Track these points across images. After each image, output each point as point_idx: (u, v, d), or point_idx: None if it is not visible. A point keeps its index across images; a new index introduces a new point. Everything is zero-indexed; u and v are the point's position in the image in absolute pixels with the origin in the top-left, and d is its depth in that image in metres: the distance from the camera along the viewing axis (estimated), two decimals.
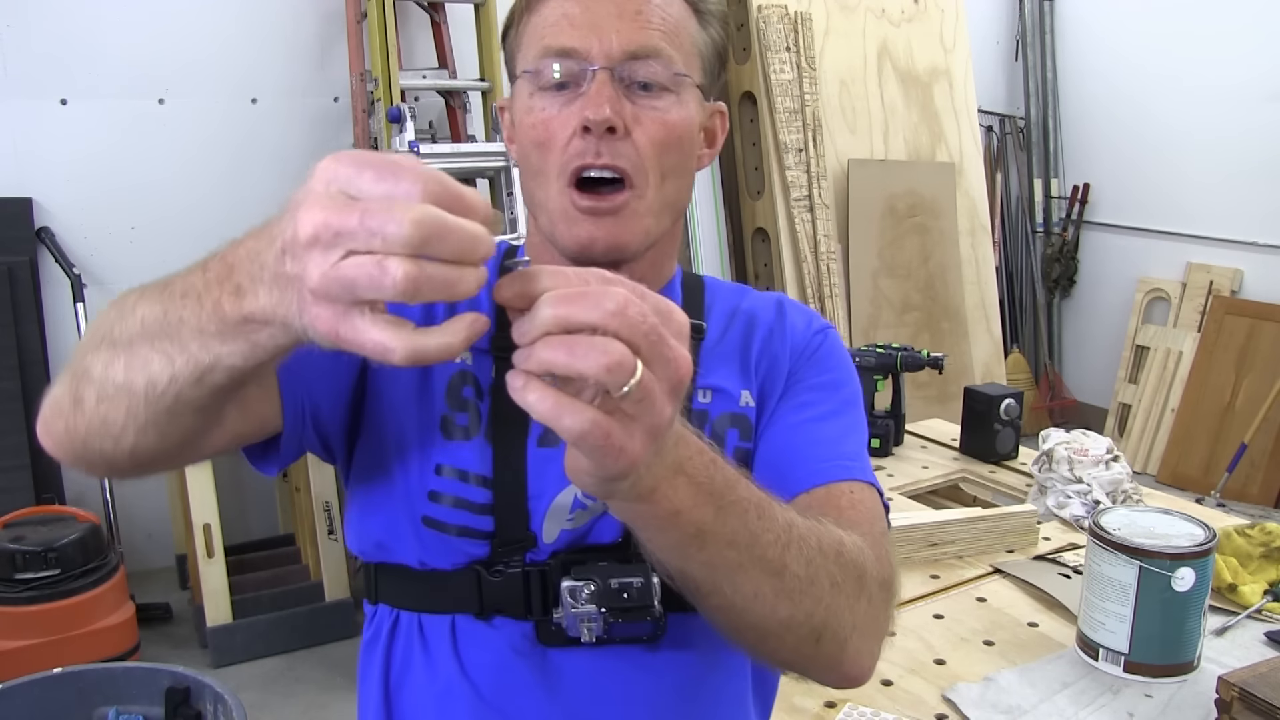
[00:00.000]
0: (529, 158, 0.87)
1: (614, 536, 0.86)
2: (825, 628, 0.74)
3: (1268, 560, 1.43)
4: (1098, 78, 4.58)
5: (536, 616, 0.85)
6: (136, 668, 1.92)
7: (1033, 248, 4.80)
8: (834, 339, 0.98)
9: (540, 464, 0.85)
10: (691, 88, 0.87)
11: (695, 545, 0.66)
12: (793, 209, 3.59)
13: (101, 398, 0.66)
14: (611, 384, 0.52)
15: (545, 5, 0.86)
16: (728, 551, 0.67)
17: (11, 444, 2.84)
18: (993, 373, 4.10)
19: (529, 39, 0.87)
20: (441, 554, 0.86)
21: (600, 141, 0.82)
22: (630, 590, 0.81)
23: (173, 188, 3.12)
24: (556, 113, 0.84)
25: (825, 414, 0.91)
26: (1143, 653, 1.20)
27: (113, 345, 0.65)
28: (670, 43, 0.85)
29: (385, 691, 0.90)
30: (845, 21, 3.80)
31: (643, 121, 0.84)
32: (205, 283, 0.59)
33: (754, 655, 0.83)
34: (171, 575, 3.18)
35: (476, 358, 0.89)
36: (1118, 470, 1.73)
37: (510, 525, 0.85)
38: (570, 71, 0.83)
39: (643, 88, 0.84)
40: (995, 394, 2.00)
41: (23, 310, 2.90)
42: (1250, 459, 3.77)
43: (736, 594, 0.69)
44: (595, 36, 0.82)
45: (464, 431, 0.86)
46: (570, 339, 0.53)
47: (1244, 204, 4.06)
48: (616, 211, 0.84)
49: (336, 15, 3.25)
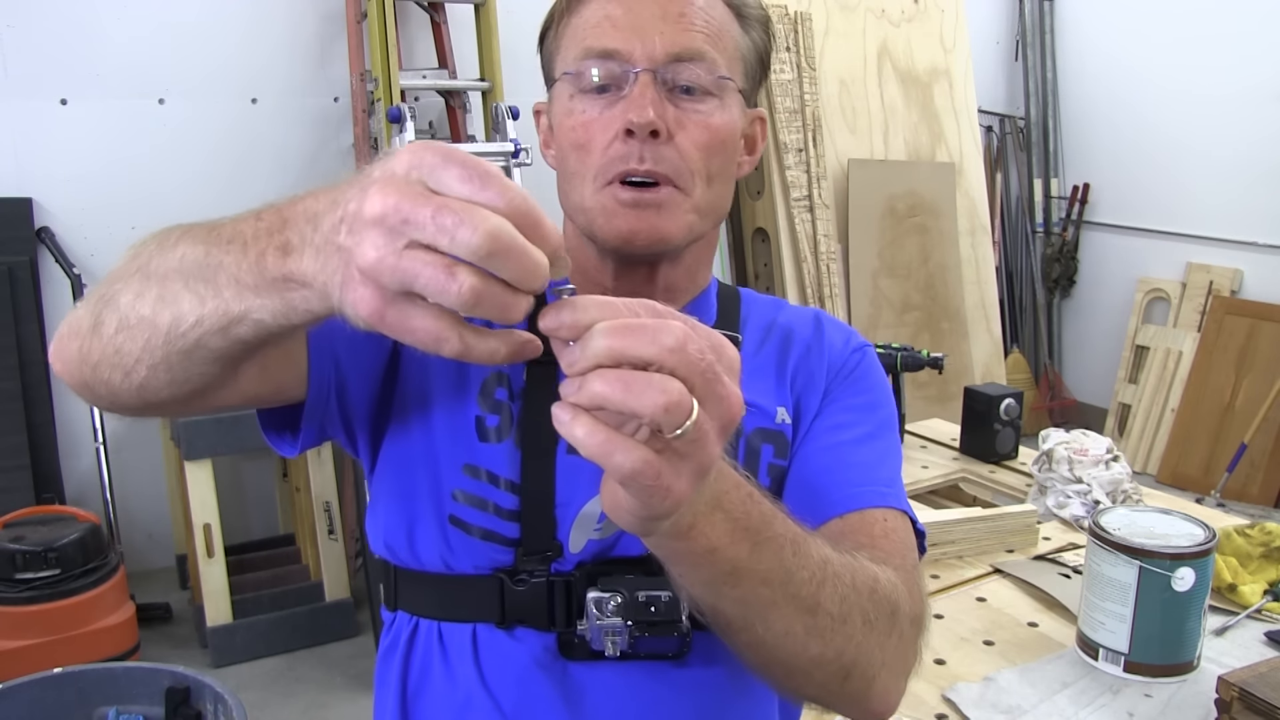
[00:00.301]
0: (567, 160, 0.86)
1: (642, 549, 0.83)
2: (855, 666, 0.72)
3: (1268, 560, 1.43)
4: (1097, 78, 4.58)
5: (560, 628, 0.83)
6: (136, 668, 1.92)
7: (1033, 248, 4.80)
8: (872, 358, 0.96)
9: (569, 472, 0.84)
10: (734, 92, 0.86)
11: (729, 582, 0.64)
12: (793, 209, 3.59)
13: (122, 326, 0.65)
14: (667, 424, 0.50)
15: (586, 7, 0.85)
16: (761, 589, 0.65)
17: (11, 444, 2.84)
18: (993, 373, 4.10)
19: (569, 41, 0.86)
20: (466, 556, 0.84)
21: (643, 145, 0.81)
22: (658, 604, 0.79)
23: (173, 188, 3.12)
24: (597, 115, 0.83)
25: (862, 436, 0.89)
26: (1143, 653, 1.20)
27: (145, 276, 0.64)
28: (713, 45, 0.83)
29: (403, 701, 0.88)
30: (845, 21, 3.80)
31: (686, 125, 0.82)
32: (255, 231, 0.57)
33: (779, 690, 0.81)
34: (171, 575, 3.18)
35: None
36: (1118, 470, 1.73)
37: (536, 533, 0.83)
38: (612, 74, 0.82)
39: (685, 91, 0.82)
40: (995, 394, 2.00)
41: (23, 310, 2.90)
42: (1250, 459, 3.78)
43: (768, 631, 0.68)
44: (638, 38, 0.81)
45: (495, 433, 0.85)
46: (627, 374, 0.50)
47: (1244, 204, 4.06)
48: (660, 204, 0.82)
49: (336, 15, 3.25)
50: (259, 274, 0.56)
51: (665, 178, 0.82)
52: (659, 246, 0.84)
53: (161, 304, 0.62)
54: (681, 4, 0.83)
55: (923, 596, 0.80)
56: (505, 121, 3.19)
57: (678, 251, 0.87)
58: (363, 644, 2.85)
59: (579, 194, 0.85)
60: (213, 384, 0.68)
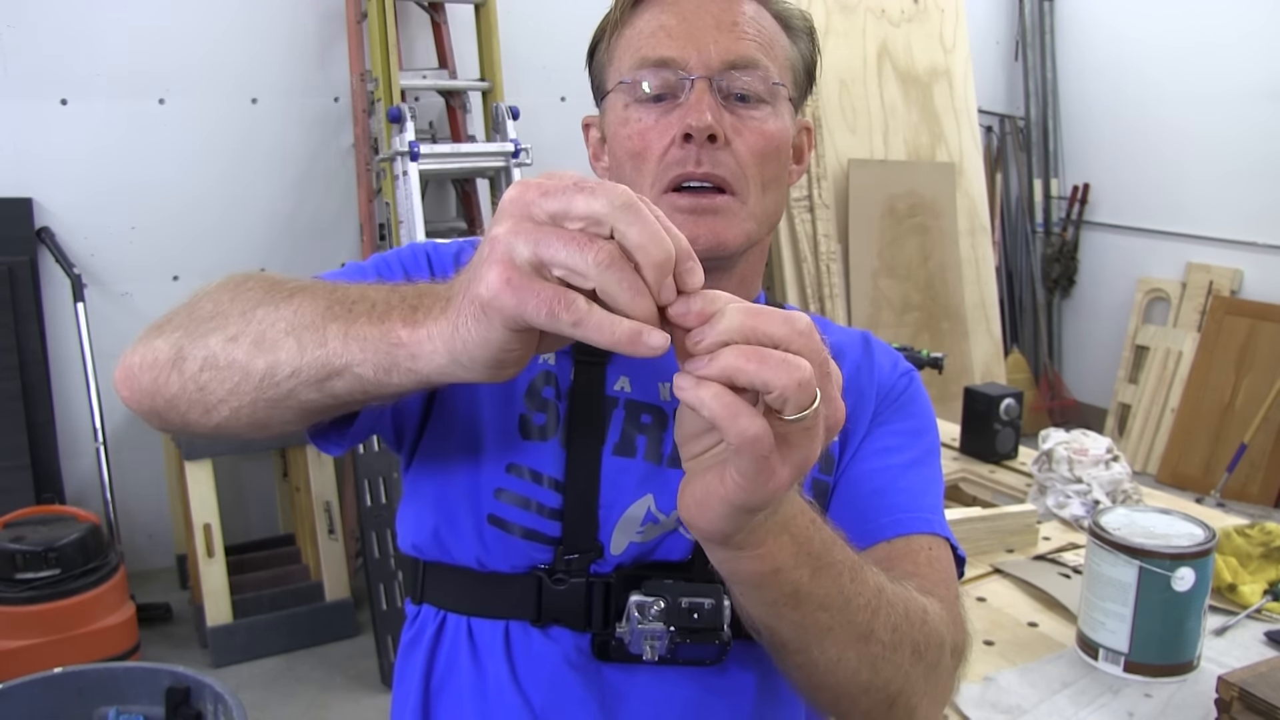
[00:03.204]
0: (623, 168, 0.86)
1: (682, 555, 0.83)
2: (900, 695, 0.73)
3: (1267, 560, 1.43)
4: (1098, 78, 4.58)
5: (596, 629, 0.82)
6: (136, 668, 1.92)
7: (1033, 248, 4.80)
8: (918, 383, 0.97)
9: (614, 473, 0.84)
10: (786, 100, 0.86)
11: (790, 604, 0.65)
12: (793, 209, 3.59)
13: (209, 365, 0.65)
14: (794, 403, 0.51)
15: (639, 18, 0.86)
16: (820, 614, 0.67)
17: (12, 444, 2.84)
18: (993, 373, 4.10)
19: (622, 51, 0.86)
20: (502, 555, 0.83)
21: (701, 150, 0.81)
22: (701, 611, 0.79)
23: (173, 188, 3.12)
24: (654, 123, 0.83)
25: (909, 462, 0.89)
26: (1143, 653, 1.20)
27: (245, 319, 0.64)
28: (766, 54, 0.84)
29: (425, 694, 0.87)
30: (845, 21, 3.80)
31: (742, 132, 0.83)
32: (389, 301, 0.59)
33: (823, 711, 0.81)
34: (171, 575, 3.18)
35: (558, 359, 0.87)
36: (1118, 470, 1.73)
37: (578, 533, 0.83)
38: (668, 82, 0.83)
39: (740, 99, 0.83)
40: (995, 394, 2.00)
41: (23, 310, 2.90)
42: (1250, 459, 3.77)
43: (822, 655, 0.69)
44: (694, 47, 0.82)
45: (541, 432, 0.85)
46: (761, 350, 0.51)
47: (1244, 204, 4.06)
48: (717, 210, 0.83)
49: (336, 15, 3.25)
50: (380, 332, 0.57)
51: (723, 181, 0.82)
52: (718, 252, 0.84)
53: (258, 350, 0.62)
54: (734, 14, 0.84)
55: (966, 628, 0.81)
56: (505, 121, 3.19)
57: (733, 261, 0.87)
58: (363, 644, 2.85)
59: None
60: (287, 426, 0.69)
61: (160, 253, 3.13)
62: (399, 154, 3.00)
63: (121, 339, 3.13)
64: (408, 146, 2.97)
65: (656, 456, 0.85)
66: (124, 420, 3.12)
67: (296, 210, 3.31)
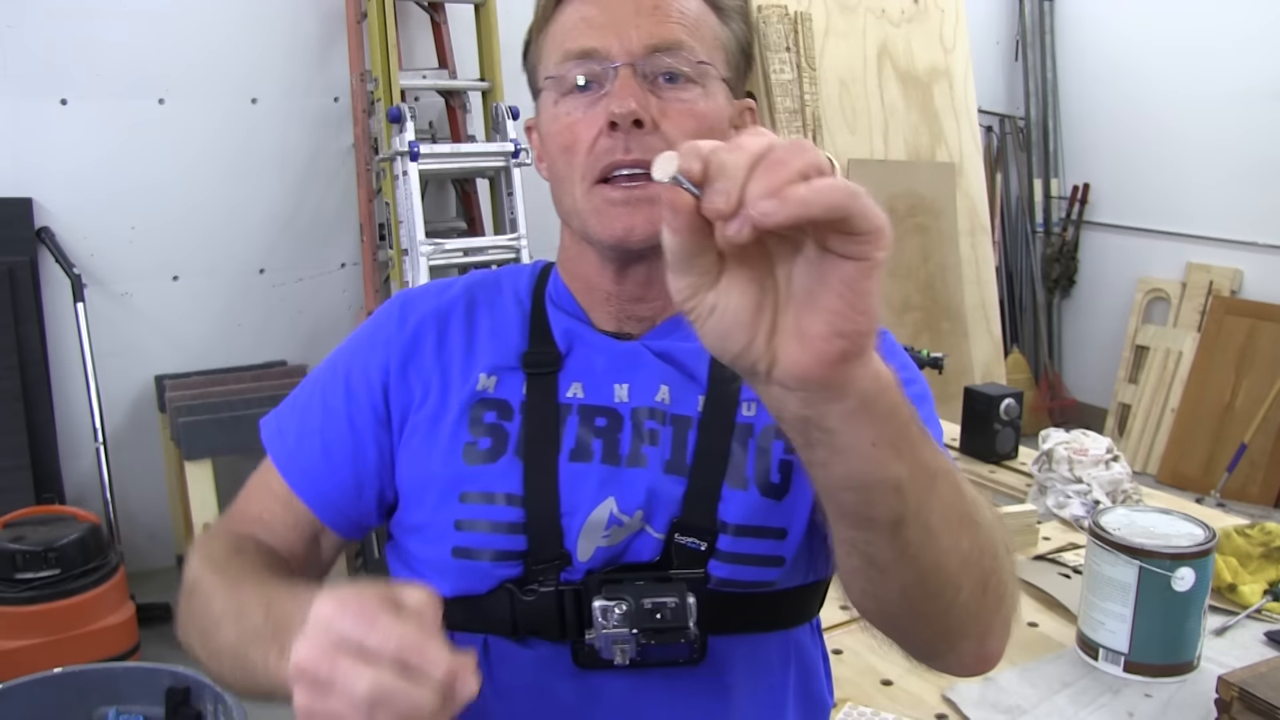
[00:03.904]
0: (556, 165, 0.86)
1: (652, 555, 0.83)
2: (992, 575, 0.67)
3: (1268, 560, 1.43)
4: (1098, 78, 4.57)
5: (572, 638, 0.82)
6: (136, 668, 1.92)
7: (1033, 248, 4.80)
8: (891, 341, 0.94)
9: (572, 480, 0.83)
10: (717, 80, 0.85)
11: (906, 442, 0.57)
12: None
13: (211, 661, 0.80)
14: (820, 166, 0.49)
15: (562, 13, 0.85)
16: (921, 475, 0.59)
17: (11, 444, 2.84)
18: (993, 373, 4.10)
19: (549, 48, 0.86)
20: (476, 581, 0.84)
21: (629, 137, 0.80)
22: (664, 611, 0.78)
23: (173, 188, 3.12)
24: (582, 115, 0.83)
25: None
26: (1143, 653, 1.20)
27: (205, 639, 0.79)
28: (691, 35, 0.83)
29: None
30: (845, 21, 3.80)
31: (670, 114, 0.82)
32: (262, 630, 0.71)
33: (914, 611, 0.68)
34: (171, 575, 3.17)
35: (502, 379, 0.87)
36: (1118, 470, 1.73)
37: (543, 542, 0.82)
38: (593, 72, 0.82)
39: (669, 80, 0.82)
40: (995, 394, 2.00)
41: (23, 310, 2.90)
42: (1250, 459, 3.77)
43: (931, 513, 0.60)
44: (615, 35, 0.81)
45: (488, 455, 0.85)
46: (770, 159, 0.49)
47: (1244, 204, 4.06)
48: (652, 198, 0.81)
49: (336, 15, 3.25)
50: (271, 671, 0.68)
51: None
52: (656, 240, 0.82)
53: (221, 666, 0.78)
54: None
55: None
56: (505, 121, 3.19)
57: None
58: None
59: (570, 197, 0.85)
60: None
61: (160, 253, 3.13)
62: (399, 154, 3.00)
63: (121, 339, 3.13)
64: (408, 146, 2.97)
65: (614, 458, 0.84)
66: (124, 420, 3.12)
67: (296, 210, 3.31)
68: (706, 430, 0.85)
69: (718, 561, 0.82)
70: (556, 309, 0.92)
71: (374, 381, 0.89)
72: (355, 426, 0.89)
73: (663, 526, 0.83)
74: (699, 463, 0.84)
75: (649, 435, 0.85)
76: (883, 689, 1.21)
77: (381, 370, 0.89)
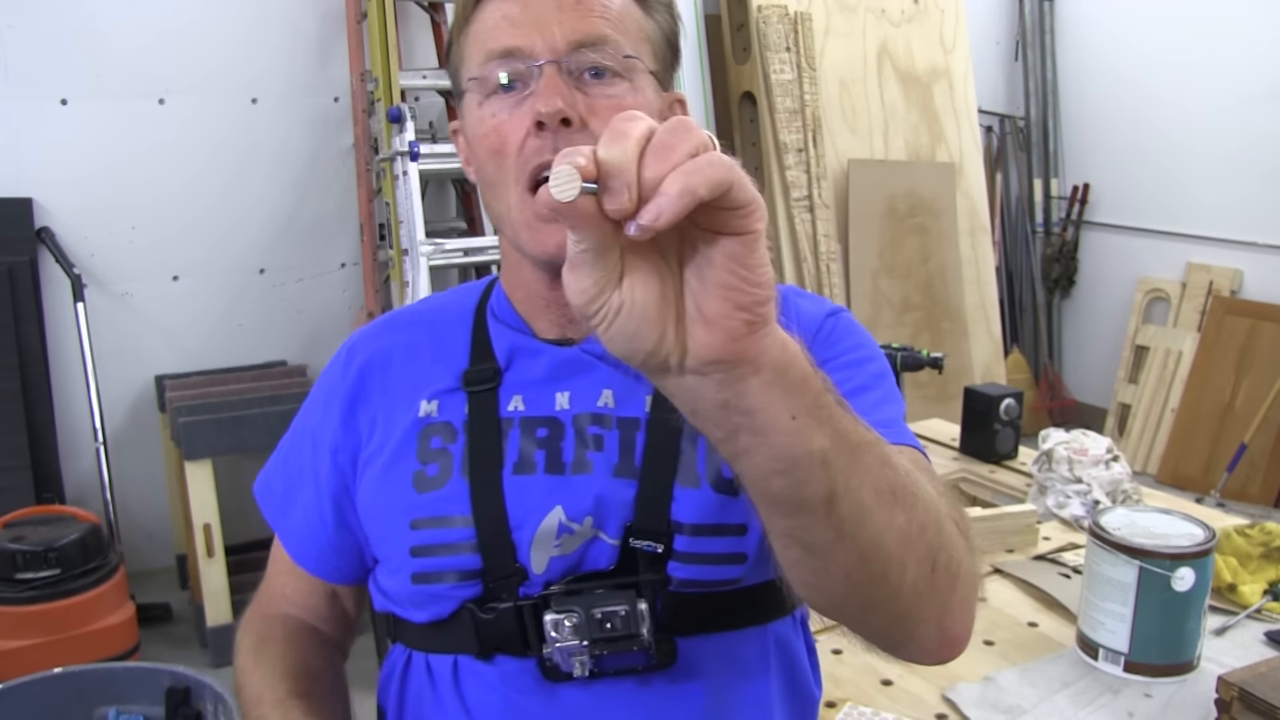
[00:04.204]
0: (485, 169, 0.84)
1: (608, 562, 0.82)
2: (940, 551, 0.64)
3: (1267, 560, 1.43)
4: (1098, 78, 4.57)
5: (536, 652, 0.82)
6: (136, 668, 1.91)
7: (1033, 248, 4.80)
8: (848, 319, 0.93)
9: (518, 492, 0.83)
10: (645, 73, 0.84)
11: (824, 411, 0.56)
12: (793, 209, 3.59)
13: None
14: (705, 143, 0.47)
15: (483, 12, 0.83)
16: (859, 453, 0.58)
17: (11, 444, 2.84)
18: (993, 373, 4.10)
19: (471, 49, 0.84)
20: (440, 605, 0.84)
21: (557, 136, 0.78)
22: (614, 620, 0.78)
23: (173, 188, 3.12)
24: (508, 116, 0.81)
25: (854, 389, 0.85)
26: (1143, 653, 1.20)
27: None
28: (615, 29, 0.81)
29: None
30: (845, 21, 3.80)
31: (598, 111, 0.80)
32: None
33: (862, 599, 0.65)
34: (171, 575, 3.17)
35: (444, 401, 0.88)
36: (1118, 470, 1.73)
37: (497, 559, 0.82)
38: (517, 72, 0.80)
39: (595, 75, 0.80)
40: (995, 394, 2.00)
41: (23, 310, 2.90)
42: (1250, 459, 3.77)
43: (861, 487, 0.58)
44: (538, 32, 0.80)
45: (436, 480, 0.85)
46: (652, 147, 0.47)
47: (1244, 204, 4.06)
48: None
49: (336, 15, 3.25)
50: None
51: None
52: None
53: None
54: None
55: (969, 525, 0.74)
56: None
57: None
58: (362, 643, 2.84)
59: (503, 203, 0.83)
60: None
61: (160, 253, 3.13)
62: (399, 154, 3.00)
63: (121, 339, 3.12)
64: (408, 146, 2.97)
65: (557, 467, 0.84)
66: (124, 420, 3.12)
67: (296, 210, 3.31)
68: (655, 430, 0.84)
69: (677, 563, 0.82)
70: (498, 322, 0.92)
71: (325, 437, 0.92)
72: (320, 484, 0.92)
73: (617, 532, 0.82)
74: (648, 464, 0.83)
75: (593, 441, 0.85)
76: (883, 689, 1.21)
77: (331, 424, 0.92)
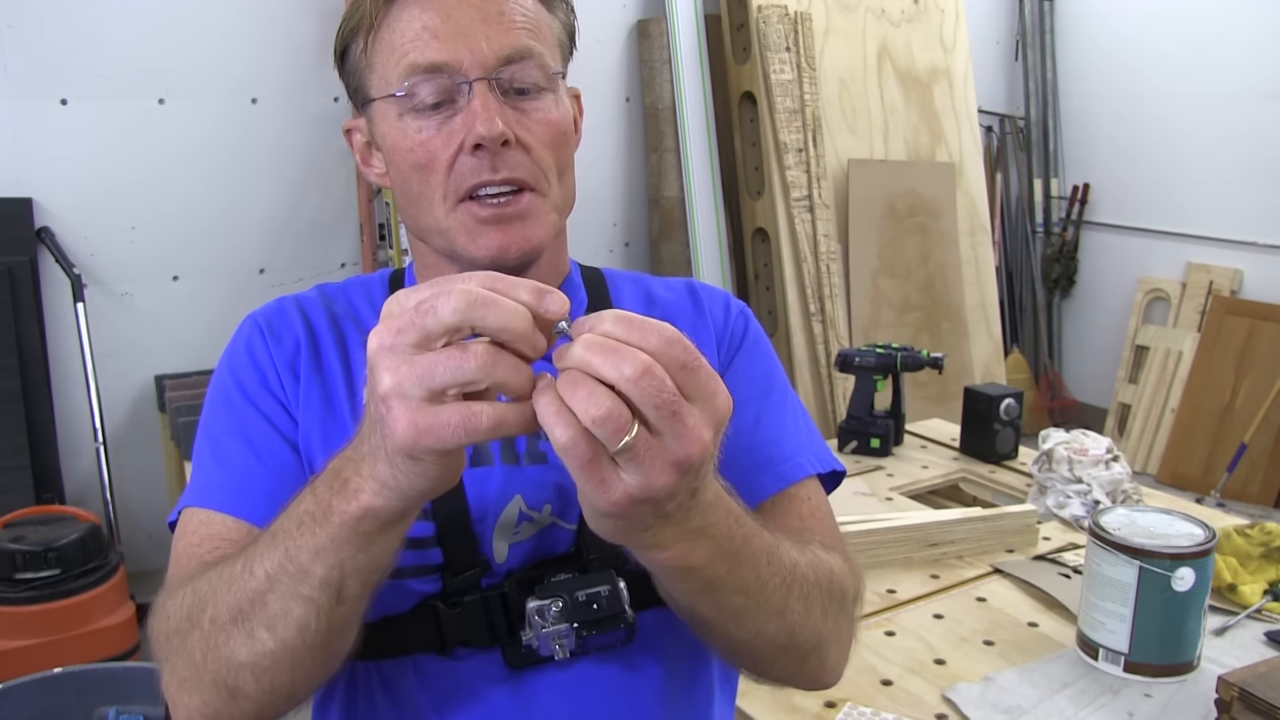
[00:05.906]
0: (408, 183, 0.83)
1: (566, 546, 0.83)
2: (813, 649, 0.78)
3: (1268, 560, 1.43)
4: (1098, 77, 4.58)
5: (502, 641, 0.81)
6: (136, 668, 1.92)
7: (1033, 248, 4.80)
8: (753, 322, 0.96)
9: (476, 483, 0.82)
10: (560, 79, 0.84)
11: (706, 593, 0.68)
12: (793, 209, 3.59)
13: (260, 672, 0.67)
14: (601, 435, 0.53)
15: (398, 19, 0.80)
16: (736, 598, 0.69)
17: (11, 444, 2.84)
18: (993, 373, 4.10)
19: (384, 57, 0.81)
20: (395, 601, 0.81)
21: (495, 156, 0.79)
22: (599, 600, 0.79)
23: (173, 187, 3.12)
24: (436, 131, 0.80)
25: (767, 410, 0.90)
26: (1143, 653, 1.20)
27: (243, 616, 0.66)
28: (537, 39, 0.81)
29: None
30: (845, 21, 3.80)
31: (530, 127, 0.81)
32: (317, 499, 0.62)
33: (741, 672, 0.86)
34: None
35: None
36: (1118, 470, 1.73)
37: (459, 552, 0.81)
38: (444, 87, 0.79)
39: (520, 93, 0.81)
40: (995, 394, 2.00)
41: (23, 310, 2.90)
42: (1250, 459, 3.78)
43: (740, 631, 0.73)
44: (465, 47, 0.78)
45: None
46: (578, 377, 0.54)
47: (1244, 204, 4.06)
48: (525, 215, 0.81)
49: (336, 15, 3.24)
50: (337, 525, 0.61)
51: (523, 182, 0.81)
52: (532, 256, 0.83)
53: (278, 627, 0.65)
54: (498, 3, 0.80)
55: (859, 571, 0.84)
56: None
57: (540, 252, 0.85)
58: None
59: (430, 216, 0.83)
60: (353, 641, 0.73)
61: (160, 253, 3.13)
62: None
63: (121, 339, 3.12)
64: None
65: (512, 457, 0.84)
66: (124, 420, 3.12)
67: (296, 210, 3.31)
68: None
69: None
70: None
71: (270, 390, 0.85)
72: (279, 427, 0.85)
73: (575, 518, 0.84)
74: None
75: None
76: (883, 689, 1.21)
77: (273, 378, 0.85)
